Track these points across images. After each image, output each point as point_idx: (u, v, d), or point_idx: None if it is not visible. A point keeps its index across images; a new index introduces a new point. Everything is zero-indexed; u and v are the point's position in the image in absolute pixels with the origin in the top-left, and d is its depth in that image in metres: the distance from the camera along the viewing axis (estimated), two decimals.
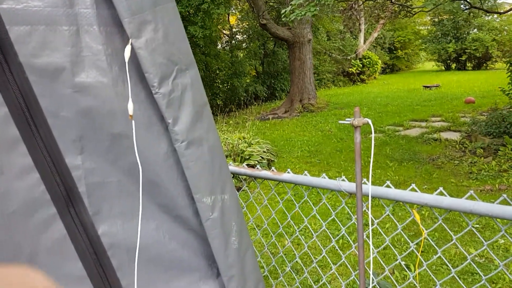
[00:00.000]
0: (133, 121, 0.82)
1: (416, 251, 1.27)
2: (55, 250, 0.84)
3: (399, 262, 3.31)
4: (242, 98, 13.58)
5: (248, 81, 13.94)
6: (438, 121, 8.78)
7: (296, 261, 3.37)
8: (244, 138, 6.89)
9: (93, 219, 0.87)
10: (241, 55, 13.38)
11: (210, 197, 0.97)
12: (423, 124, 8.69)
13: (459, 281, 1.23)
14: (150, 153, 0.88)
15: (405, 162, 6.16)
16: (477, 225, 3.92)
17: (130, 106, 0.80)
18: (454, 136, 7.24)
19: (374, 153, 6.22)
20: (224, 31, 15.00)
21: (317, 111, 11.55)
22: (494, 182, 5.02)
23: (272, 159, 6.69)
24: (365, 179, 1.35)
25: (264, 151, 6.58)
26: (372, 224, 1.32)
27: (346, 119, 0.97)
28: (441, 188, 1.21)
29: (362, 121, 0.94)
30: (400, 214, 4.21)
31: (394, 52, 25.70)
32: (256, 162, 6.02)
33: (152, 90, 0.84)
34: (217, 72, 13.02)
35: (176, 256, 1.01)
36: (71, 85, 0.78)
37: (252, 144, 6.69)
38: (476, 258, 3.37)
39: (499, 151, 5.89)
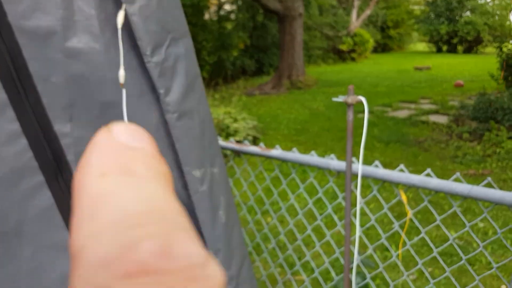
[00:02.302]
0: (123, 90, 0.81)
1: (400, 231, 1.30)
2: (43, 218, 0.83)
3: (382, 243, 3.38)
4: (229, 72, 13.42)
5: (235, 54, 13.74)
6: (427, 104, 8.84)
7: (280, 238, 3.42)
8: (230, 113, 6.85)
9: None
10: (229, 26, 13.14)
11: (200, 170, 0.97)
12: (412, 106, 8.74)
13: (440, 261, 1.26)
14: (140, 123, 0.87)
15: (392, 143, 6.22)
16: (459, 208, 4.01)
17: (122, 74, 0.78)
18: (442, 119, 7.31)
19: (361, 133, 6.26)
20: (212, 0, 14.67)
21: (305, 88, 11.51)
22: (478, 167, 5.11)
23: (258, 136, 6.69)
24: (354, 158, 1.35)
25: (250, 128, 6.56)
26: (359, 203, 1.33)
27: (340, 97, 0.96)
28: (428, 170, 1.22)
29: (355, 99, 0.93)
30: (384, 195, 4.28)
31: (387, 31, 25.59)
32: (242, 138, 6.02)
33: (145, 58, 0.82)
34: (204, 43, 12.77)
35: None
36: (62, 50, 0.75)
37: (238, 120, 6.67)
38: (456, 241, 3.46)
39: (484, 136, 5.98)
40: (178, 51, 0.86)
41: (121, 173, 0.15)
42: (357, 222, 1.16)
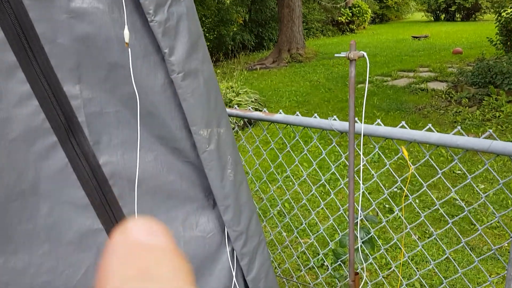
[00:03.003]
0: (129, 49, 0.82)
1: (402, 186, 1.33)
2: (57, 178, 0.86)
3: (383, 204, 3.43)
4: (229, 47, 13.32)
5: (235, 29, 13.60)
6: (426, 72, 8.80)
7: (286, 203, 3.48)
8: (232, 87, 6.84)
9: (94, 148, 0.89)
10: (228, 1, 12.96)
11: (207, 129, 0.99)
12: (411, 74, 8.70)
13: (444, 215, 1.29)
14: (147, 84, 0.89)
15: (392, 111, 6.22)
16: (459, 171, 4.05)
17: (126, 34, 0.80)
18: (441, 86, 7.28)
19: (361, 103, 6.26)
20: None
21: (305, 61, 11.44)
22: (478, 131, 5.13)
23: (260, 109, 6.69)
24: (356, 118, 1.37)
25: (252, 101, 6.56)
26: (362, 161, 1.36)
27: (342, 53, 0.98)
28: (429, 125, 1.24)
29: (357, 54, 0.95)
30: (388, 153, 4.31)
31: (384, 1, 25.19)
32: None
33: (148, 17, 0.83)
34: (203, 19, 12.63)
35: (174, 187, 1.04)
36: (67, 10, 0.76)
37: (240, 93, 6.66)
38: (457, 202, 3.51)
39: (483, 101, 5.98)
40: (180, 10, 0.87)
41: (142, 278, 0.15)
42: (361, 179, 1.19)
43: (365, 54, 0.96)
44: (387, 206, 3.41)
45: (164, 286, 0.15)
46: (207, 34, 12.46)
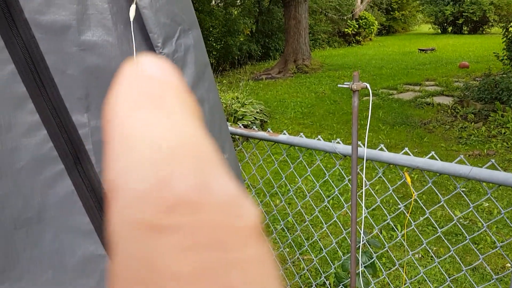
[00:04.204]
0: None
1: (405, 211, 1.33)
2: (63, 205, 0.87)
3: (387, 223, 3.43)
4: (236, 57, 13.40)
5: (242, 39, 13.70)
6: (432, 85, 8.80)
7: (289, 220, 3.47)
8: (237, 98, 6.87)
9: (100, 176, 0.90)
10: (235, 12, 13.08)
11: None
12: (417, 88, 8.71)
13: (445, 241, 1.30)
14: None
15: (397, 125, 6.22)
16: (464, 189, 4.03)
17: None
18: (447, 100, 7.28)
19: (366, 116, 6.26)
20: None
21: (311, 72, 11.48)
22: (483, 147, 5.12)
23: (265, 120, 6.71)
24: (359, 142, 1.38)
25: (257, 112, 6.59)
26: (365, 186, 1.37)
27: (345, 83, 0.99)
28: (432, 153, 1.25)
29: (360, 86, 0.96)
30: (390, 176, 4.31)
31: (391, 13, 25.28)
32: (249, 122, 6.04)
33: (156, 50, 0.85)
34: (211, 29, 12.75)
35: None
36: (77, 43, 0.78)
37: (246, 104, 6.69)
38: (461, 220, 3.50)
39: (489, 117, 5.97)
40: (188, 42, 0.89)
41: (152, 106, 0.15)
42: (363, 203, 1.19)
43: (368, 85, 0.97)
44: (391, 223, 3.40)
45: (175, 116, 0.15)
46: (214, 44, 12.57)
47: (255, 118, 6.30)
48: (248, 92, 8.54)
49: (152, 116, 0.14)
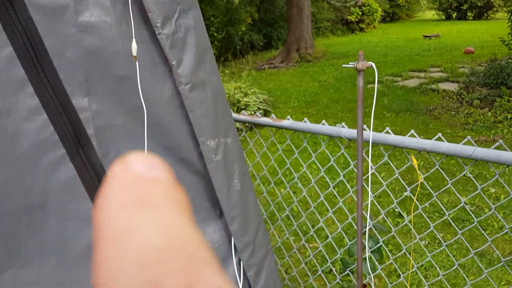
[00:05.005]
0: (137, 62, 0.82)
1: (411, 195, 1.32)
2: (66, 191, 0.86)
3: (393, 209, 3.41)
4: (237, 47, 13.31)
5: (243, 29, 13.59)
6: (437, 72, 8.72)
7: (294, 207, 3.46)
8: (240, 88, 6.84)
9: (102, 161, 0.89)
10: (236, 1, 12.97)
11: (214, 140, 0.99)
12: (422, 74, 8.63)
13: (453, 224, 1.28)
14: (155, 95, 0.89)
15: (402, 112, 6.18)
16: (470, 174, 4.00)
17: (134, 47, 0.80)
18: (452, 87, 7.21)
19: (370, 103, 6.22)
20: None
21: (314, 61, 11.40)
22: (489, 133, 5.07)
23: (269, 109, 6.68)
24: (364, 126, 1.36)
25: (260, 102, 6.56)
26: (371, 170, 1.35)
27: (350, 63, 0.97)
28: (439, 134, 1.23)
29: (365, 65, 0.94)
30: (395, 164, 4.29)
31: (395, 0, 25.00)
32: (253, 112, 6.02)
33: (156, 30, 0.83)
34: (212, 19, 12.64)
35: None
36: (75, 24, 0.77)
37: (249, 94, 6.66)
38: (467, 206, 3.48)
39: (495, 102, 5.91)
40: (188, 23, 0.87)
41: (140, 206, 0.15)
42: (369, 187, 1.18)
43: (373, 64, 0.95)
44: (396, 210, 3.39)
45: (162, 216, 0.15)
46: (215, 34, 12.48)
47: (258, 107, 6.27)
48: (251, 82, 8.50)
49: (140, 218, 0.15)
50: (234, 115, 1.70)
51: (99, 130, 0.87)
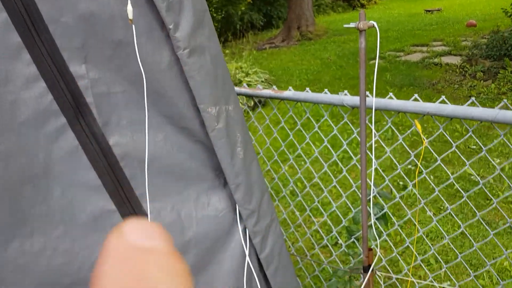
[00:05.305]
0: (133, 26, 0.81)
1: (415, 160, 1.31)
2: (68, 160, 0.86)
3: (398, 182, 3.41)
4: (237, 27, 13.17)
5: (243, 8, 13.42)
6: (439, 46, 8.62)
7: (298, 184, 3.47)
8: (241, 68, 6.79)
9: (103, 129, 0.88)
10: None
11: (215, 107, 0.98)
12: (424, 49, 8.53)
13: (457, 186, 1.27)
14: (153, 62, 0.88)
15: (405, 87, 6.13)
16: (474, 146, 3.99)
17: (130, 10, 0.78)
18: (455, 60, 7.13)
19: (372, 79, 6.17)
20: None
21: (315, 39, 11.28)
22: (493, 105, 5.04)
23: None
24: (367, 92, 1.35)
25: (262, 81, 6.51)
26: (374, 137, 1.34)
27: (351, 23, 0.95)
28: (443, 97, 1.21)
29: (367, 24, 0.92)
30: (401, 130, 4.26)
31: None
32: None
33: None
34: None
35: (185, 167, 1.04)
36: None
37: (250, 73, 6.61)
38: (472, 177, 3.47)
39: (499, 74, 5.85)
40: None
41: (137, 280, 0.15)
42: (373, 153, 1.17)
43: (375, 23, 0.93)
44: (401, 183, 3.39)
45: None
46: (214, 14, 12.33)
47: (259, 86, 6.23)
48: (252, 61, 8.43)
49: None
50: (236, 88, 1.68)
51: (99, 98, 0.86)
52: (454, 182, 1.29)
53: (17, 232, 0.82)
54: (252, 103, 5.76)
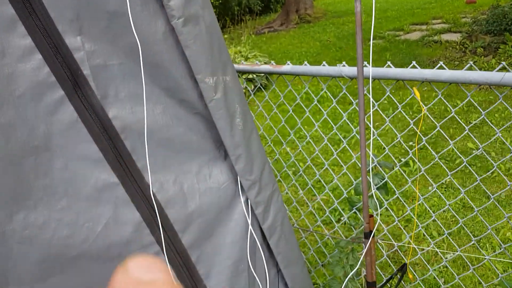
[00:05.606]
0: None
1: (415, 128, 1.31)
2: (69, 133, 0.87)
3: (399, 159, 3.42)
4: (235, 12, 13.07)
5: None
6: (439, 23, 8.54)
7: (302, 159, 3.49)
8: (240, 52, 6.76)
9: (102, 102, 0.89)
10: None
11: (212, 77, 0.98)
12: (424, 27, 8.46)
13: (459, 155, 1.27)
14: (148, 32, 0.88)
15: (405, 66, 6.08)
16: (475, 121, 3.98)
17: None
18: (455, 37, 7.08)
19: (373, 59, 6.13)
20: None
21: (314, 21, 11.19)
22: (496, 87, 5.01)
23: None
24: (365, 62, 1.35)
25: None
26: (373, 107, 1.35)
27: None
28: (441, 63, 1.21)
29: None
30: (398, 98, 4.26)
31: None
32: (254, 75, 5.97)
33: None
34: None
35: (185, 140, 1.04)
36: None
37: (249, 58, 6.59)
38: (474, 151, 3.47)
39: (499, 49, 5.81)
40: None
41: None
42: (371, 123, 1.17)
43: None
44: (402, 159, 3.39)
45: None
46: (212, 0, 12.22)
47: (257, 61, 6.20)
48: (251, 46, 8.39)
49: None
50: (234, 65, 1.68)
51: (95, 71, 0.86)
52: (454, 147, 1.30)
53: (21, 204, 0.84)
54: (253, 87, 5.75)
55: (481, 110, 1.21)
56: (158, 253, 1.02)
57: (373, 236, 1.13)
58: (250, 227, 1.14)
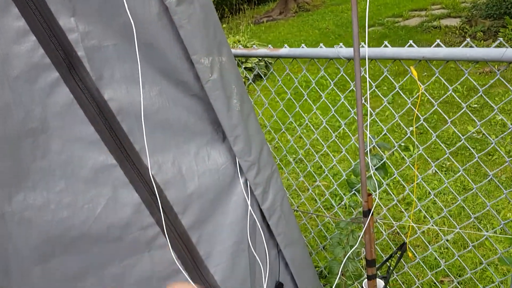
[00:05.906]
0: None
1: (413, 107, 1.31)
2: (65, 115, 0.87)
3: (400, 144, 3.41)
4: (233, 2, 12.99)
5: None
6: (438, 9, 8.48)
7: (303, 146, 3.49)
8: (239, 41, 6.73)
9: (97, 84, 0.89)
10: None
11: (208, 58, 0.98)
12: (423, 13, 8.40)
13: (460, 136, 1.27)
14: (142, 13, 0.87)
15: None
16: (476, 105, 3.97)
17: None
18: (454, 22, 7.03)
19: (372, 45, 6.10)
20: None
21: (313, 10, 11.12)
22: (494, 64, 4.99)
23: (270, 61, 6.60)
24: (362, 43, 1.34)
25: None
26: (370, 88, 1.34)
27: None
28: (438, 41, 1.21)
29: None
30: (399, 82, 4.25)
31: None
32: (253, 64, 5.95)
33: None
34: None
35: (182, 122, 1.04)
36: None
37: (248, 47, 6.56)
38: (474, 135, 3.47)
39: (499, 33, 5.77)
40: None
41: None
42: (368, 103, 1.17)
43: None
44: (402, 144, 3.39)
45: None
46: None
47: (259, 60, 6.18)
48: (250, 35, 8.35)
49: None
50: (232, 50, 1.68)
51: (90, 52, 0.86)
52: (452, 126, 1.30)
53: (20, 186, 0.84)
54: (253, 76, 5.73)
55: (479, 88, 1.20)
56: (158, 234, 1.03)
57: (372, 214, 1.13)
58: (249, 208, 1.15)
